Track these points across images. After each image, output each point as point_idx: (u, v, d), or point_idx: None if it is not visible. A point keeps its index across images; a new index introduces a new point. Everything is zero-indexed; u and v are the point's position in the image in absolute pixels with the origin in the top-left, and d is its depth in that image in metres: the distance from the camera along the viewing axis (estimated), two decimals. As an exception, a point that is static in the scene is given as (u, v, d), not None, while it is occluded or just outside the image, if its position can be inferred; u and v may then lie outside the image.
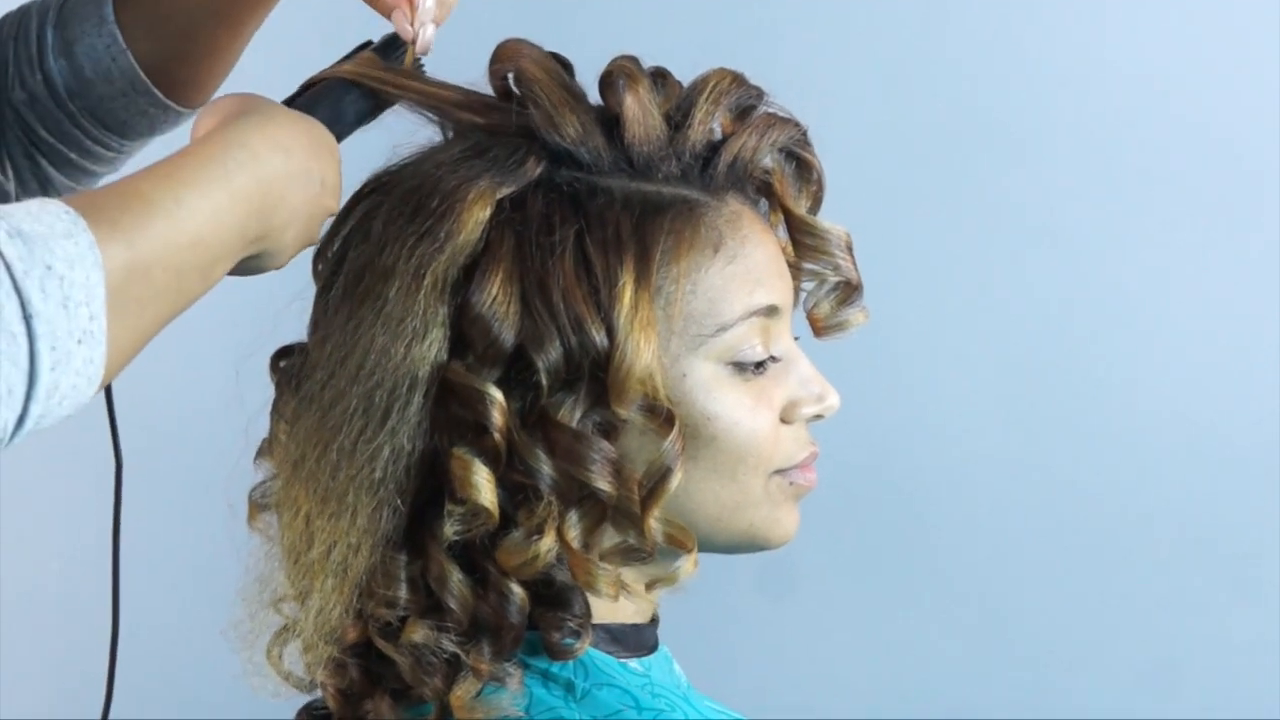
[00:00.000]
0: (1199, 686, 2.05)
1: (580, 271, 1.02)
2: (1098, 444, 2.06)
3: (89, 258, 0.87)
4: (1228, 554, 2.05)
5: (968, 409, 2.08)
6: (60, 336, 0.85)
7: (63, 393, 0.86)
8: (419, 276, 1.01)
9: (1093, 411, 2.07)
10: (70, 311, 0.85)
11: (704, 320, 1.04)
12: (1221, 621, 2.05)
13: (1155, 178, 2.04)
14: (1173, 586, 2.06)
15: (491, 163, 1.05)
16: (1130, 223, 2.04)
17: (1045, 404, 2.07)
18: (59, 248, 0.86)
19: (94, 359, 0.87)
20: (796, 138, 1.10)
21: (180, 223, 0.93)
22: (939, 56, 2.06)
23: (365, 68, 1.11)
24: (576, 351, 1.02)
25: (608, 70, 1.08)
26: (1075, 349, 2.07)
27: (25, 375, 0.84)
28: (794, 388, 1.07)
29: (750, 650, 2.11)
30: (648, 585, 1.08)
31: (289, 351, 1.10)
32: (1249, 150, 2.02)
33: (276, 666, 1.08)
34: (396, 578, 1.03)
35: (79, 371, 0.86)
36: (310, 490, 1.02)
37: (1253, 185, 2.02)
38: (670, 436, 1.02)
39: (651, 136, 1.06)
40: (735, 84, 1.09)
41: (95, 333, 0.87)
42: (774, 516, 1.08)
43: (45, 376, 0.85)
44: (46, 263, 0.85)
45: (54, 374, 0.85)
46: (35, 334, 0.84)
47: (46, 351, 0.85)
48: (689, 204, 1.06)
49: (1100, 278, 2.05)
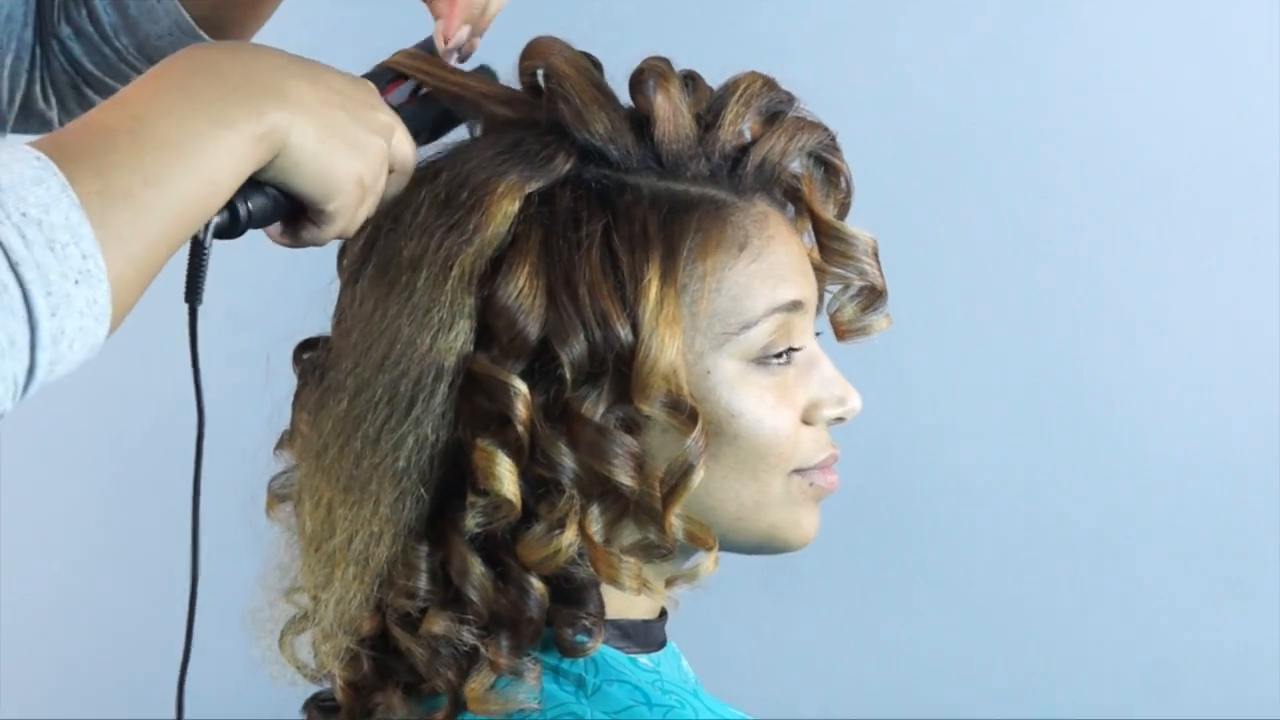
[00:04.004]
0: (1197, 687, 2.05)
1: (607, 267, 1.03)
2: (1097, 446, 2.08)
3: (64, 200, 0.85)
4: (1226, 556, 2.05)
5: (970, 412, 2.09)
6: (54, 280, 0.84)
7: (70, 336, 0.85)
8: (446, 267, 1.02)
9: (1093, 414, 2.08)
10: (59, 253, 0.84)
11: (728, 318, 1.05)
12: (1220, 623, 2.05)
13: (1157, 185, 2.05)
14: (1171, 588, 2.06)
15: (521, 157, 1.05)
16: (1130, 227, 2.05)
17: (1046, 407, 2.08)
18: (30, 194, 0.84)
19: (98, 299, 0.85)
20: (826, 143, 1.11)
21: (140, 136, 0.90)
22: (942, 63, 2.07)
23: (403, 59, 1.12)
24: (601, 346, 1.02)
25: (639, 69, 1.08)
26: (1075, 352, 2.08)
27: (25, 324, 0.83)
28: (816, 389, 1.08)
29: (755, 649, 2.11)
30: (667, 582, 1.09)
31: (313, 344, 1.11)
32: (1251, 157, 2.03)
33: (289, 655, 1.08)
34: (418, 568, 1.04)
35: (83, 312, 0.85)
36: (333, 479, 1.03)
37: (1254, 192, 2.03)
38: (694, 434, 1.02)
39: (681, 135, 1.07)
40: (766, 87, 1.09)
41: (93, 270, 0.85)
42: (794, 517, 1.08)
43: (46, 323, 0.83)
44: (21, 210, 0.83)
45: (56, 319, 0.84)
46: (25, 280, 0.83)
47: (42, 297, 0.83)
48: (716, 204, 1.06)
49: (1097, 280, 2.07)
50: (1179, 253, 2.05)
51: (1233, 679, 2.05)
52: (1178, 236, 2.05)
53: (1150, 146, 2.05)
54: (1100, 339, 2.06)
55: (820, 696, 2.10)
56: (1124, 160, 2.05)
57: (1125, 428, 2.06)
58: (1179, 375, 2.05)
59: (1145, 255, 2.05)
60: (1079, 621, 2.08)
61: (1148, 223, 2.05)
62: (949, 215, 2.08)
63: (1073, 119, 2.06)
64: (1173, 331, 2.05)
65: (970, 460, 2.09)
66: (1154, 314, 2.06)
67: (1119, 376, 2.06)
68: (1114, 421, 2.07)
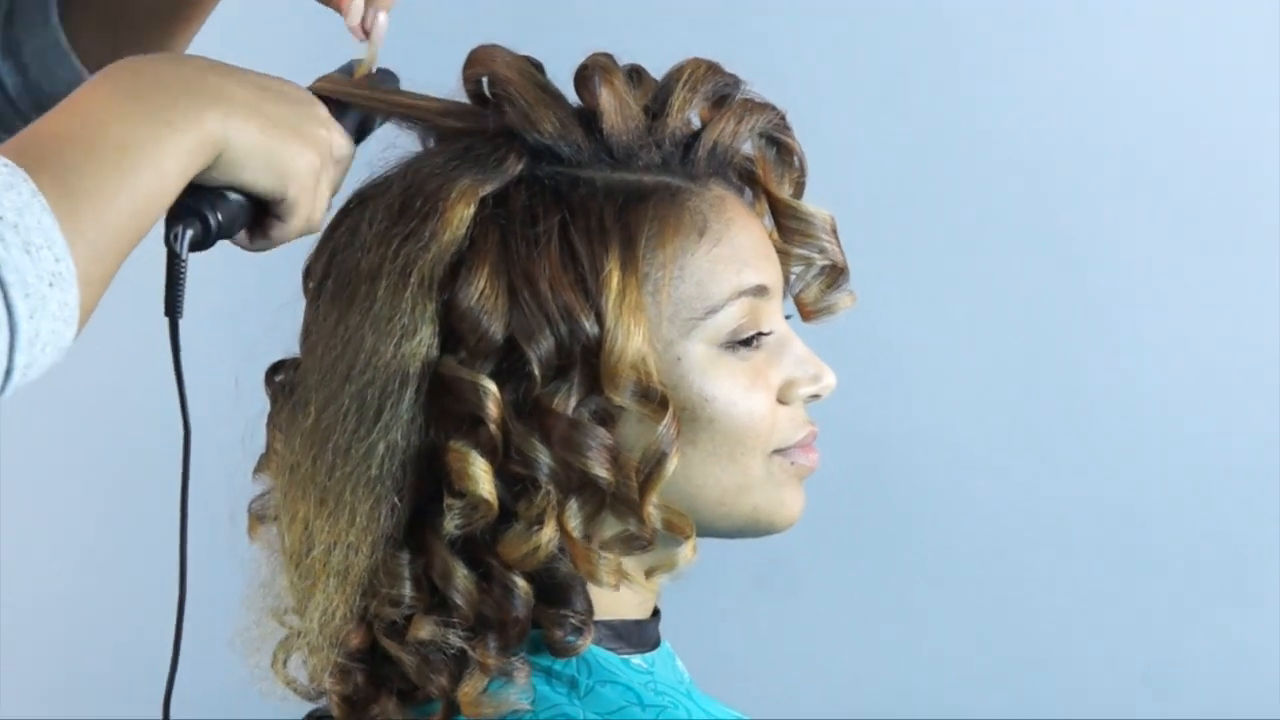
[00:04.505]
0: (1197, 688, 2.05)
1: (566, 260, 1.03)
2: (1097, 446, 2.07)
3: (35, 204, 0.87)
4: (1226, 556, 2.05)
5: (967, 410, 2.09)
6: (31, 283, 0.85)
7: (44, 339, 0.86)
8: (405, 275, 1.02)
9: (1092, 414, 2.07)
10: (34, 256, 0.85)
11: (693, 303, 1.05)
12: (1220, 623, 2.04)
13: (1152, 177, 2.05)
14: (1171, 588, 2.06)
15: (474, 162, 1.05)
16: (1126, 219, 2.05)
17: (1044, 405, 2.08)
18: (4, 199, 0.86)
19: (68, 301, 0.87)
20: (775, 122, 1.11)
21: (92, 132, 0.92)
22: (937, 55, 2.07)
23: (343, 85, 1.12)
24: (567, 340, 1.02)
25: (582, 65, 1.09)
26: (1074, 350, 2.07)
27: (6, 326, 0.84)
28: (789, 368, 1.08)
29: (750, 649, 2.11)
30: (647, 573, 1.09)
31: (283, 366, 1.11)
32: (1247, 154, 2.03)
33: (281, 675, 1.08)
34: (400, 576, 1.04)
35: (55, 315, 0.87)
36: (308, 492, 1.03)
37: (1251, 189, 2.03)
38: (665, 421, 1.03)
39: (629, 126, 1.07)
40: (711, 72, 1.10)
41: (64, 274, 0.87)
42: (778, 498, 1.08)
43: (25, 325, 0.85)
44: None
45: (33, 321, 0.85)
46: (6, 282, 0.84)
47: (20, 299, 0.85)
48: (672, 190, 1.06)
49: (1096, 277, 2.06)
50: (1179, 252, 2.05)
51: (1233, 679, 2.05)
52: (1178, 235, 2.05)
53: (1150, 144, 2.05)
54: (1101, 339, 2.06)
55: (816, 696, 2.10)
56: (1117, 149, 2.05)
57: (1125, 428, 2.06)
58: (1179, 375, 2.05)
59: (1145, 255, 2.05)
60: (1079, 621, 2.08)
61: (1147, 220, 2.05)
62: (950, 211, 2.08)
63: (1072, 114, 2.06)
64: (1173, 331, 2.05)
65: (967, 459, 2.08)
66: (1154, 314, 2.06)
67: (1119, 376, 2.06)
68: (1114, 422, 2.06)
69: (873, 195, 2.00)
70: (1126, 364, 2.06)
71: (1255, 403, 2.04)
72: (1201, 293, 2.05)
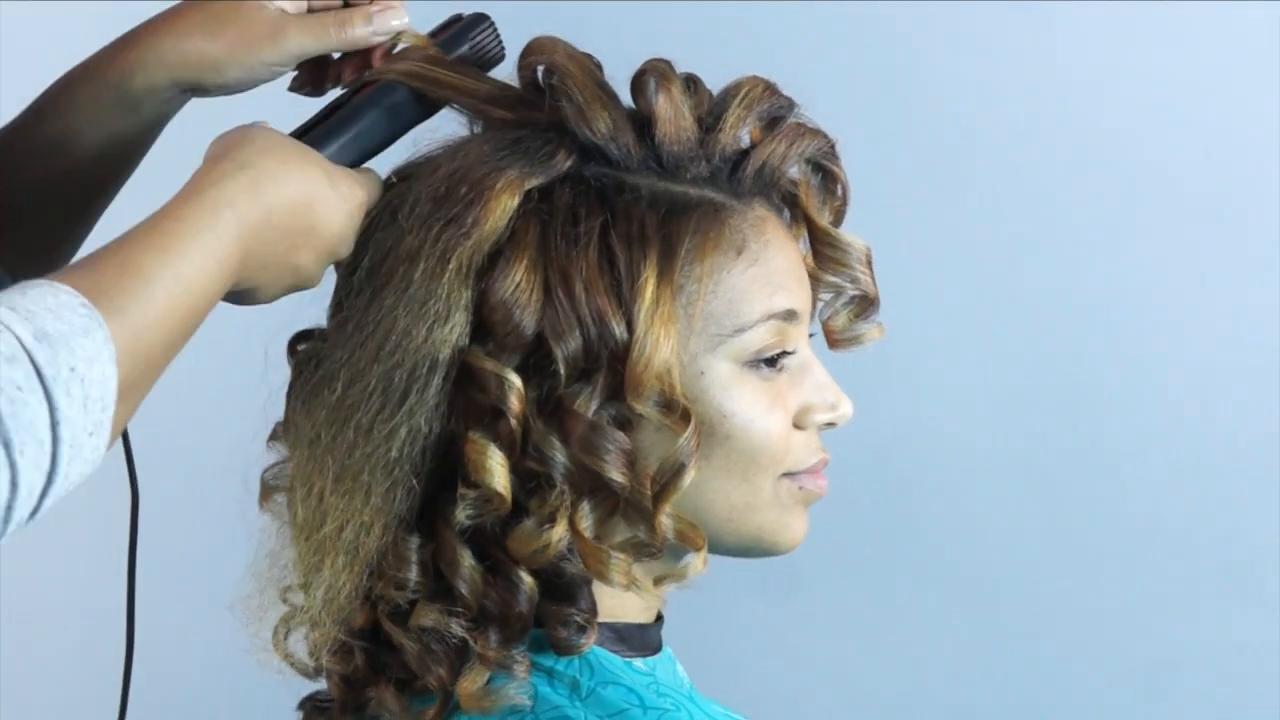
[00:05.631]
0: (1197, 688, 2.05)
1: (604, 264, 1.03)
2: (1098, 447, 2.07)
3: (105, 353, 0.89)
4: (1227, 556, 2.05)
5: (969, 413, 2.09)
6: (78, 434, 0.87)
7: (71, 480, 0.88)
8: (444, 260, 1.02)
9: (1093, 415, 2.08)
10: (88, 409, 0.88)
11: (723, 320, 1.05)
12: (1220, 623, 2.05)
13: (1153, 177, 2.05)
14: (1172, 589, 2.06)
15: (522, 153, 1.05)
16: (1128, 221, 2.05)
17: (1046, 407, 2.08)
18: (79, 347, 0.88)
19: (99, 446, 0.89)
20: (824, 149, 1.11)
21: (177, 299, 0.94)
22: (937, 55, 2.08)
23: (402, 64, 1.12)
24: (596, 343, 1.02)
25: (641, 70, 1.09)
26: (1075, 351, 2.08)
27: (45, 475, 0.86)
28: (808, 393, 1.08)
29: (752, 653, 2.11)
30: (655, 581, 1.09)
31: (308, 335, 1.11)
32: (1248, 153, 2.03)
33: (280, 649, 1.08)
34: (408, 559, 1.04)
35: (86, 459, 0.89)
36: (325, 467, 1.03)
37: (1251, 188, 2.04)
38: (686, 433, 1.03)
39: (682, 137, 1.07)
40: (768, 92, 1.10)
41: (104, 423, 0.89)
42: (783, 520, 1.08)
43: (62, 471, 0.87)
44: (70, 364, 0.87)
45: (69, 467, 0.87)
46: (59, 438, 0.86)
47: (66, 451, 0.87)
48: (715, 206, 1.06)
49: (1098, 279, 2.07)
50: (1179, 253, 2.05)
51: (1233, 679, 2.05)
52: (1178, 236, 2.05)
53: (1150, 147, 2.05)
54: (1102, 338, 2.06)
55: (817, 701, 2.10)
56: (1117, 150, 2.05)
57: (1126, 429, 2.06)
58: (1179, 376, 2.05)
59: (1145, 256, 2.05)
60: (1080, 623, 2.08)
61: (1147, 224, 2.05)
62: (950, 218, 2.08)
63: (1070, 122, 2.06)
64: (1173, 331, 2.05)
65: (970, 463, 2.09)
66: (1154, 314, 2.06)
67: (1119, 378, 2.06)
68: (1114, 423, 2.07)
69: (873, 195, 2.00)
70: (1129, 367, 2.06)
71: (1257, 403, 2.04)
72: (1203, 293, 2.05)
